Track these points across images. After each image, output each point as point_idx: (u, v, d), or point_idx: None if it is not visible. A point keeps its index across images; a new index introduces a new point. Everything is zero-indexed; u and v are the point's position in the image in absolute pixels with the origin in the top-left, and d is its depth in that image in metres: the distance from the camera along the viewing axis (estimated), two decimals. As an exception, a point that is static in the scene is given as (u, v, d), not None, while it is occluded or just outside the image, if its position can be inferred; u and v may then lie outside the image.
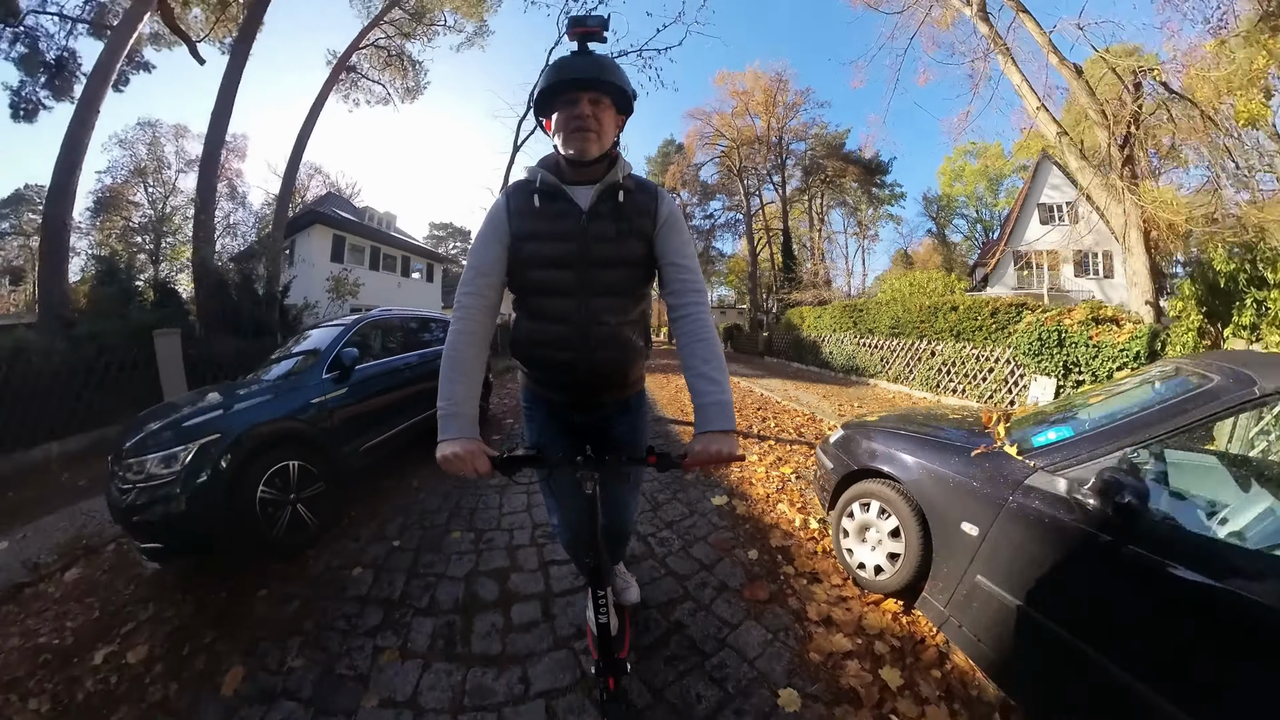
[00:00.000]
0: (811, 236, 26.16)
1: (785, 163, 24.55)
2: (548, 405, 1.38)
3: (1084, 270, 21.04)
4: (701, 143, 24.63)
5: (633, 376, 1.37)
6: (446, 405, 1.06)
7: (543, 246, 1.15)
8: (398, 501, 3.19)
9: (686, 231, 1.23)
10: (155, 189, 33.67)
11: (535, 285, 1.19)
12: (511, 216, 1.16)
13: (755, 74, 23.13)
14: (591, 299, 1.17)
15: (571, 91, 1.07)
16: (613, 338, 1.21)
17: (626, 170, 1.17)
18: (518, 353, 1.31)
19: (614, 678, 1.12)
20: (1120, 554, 1.23)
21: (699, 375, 1.07)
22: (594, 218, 1.14)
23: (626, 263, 1.18)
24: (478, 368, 1.12)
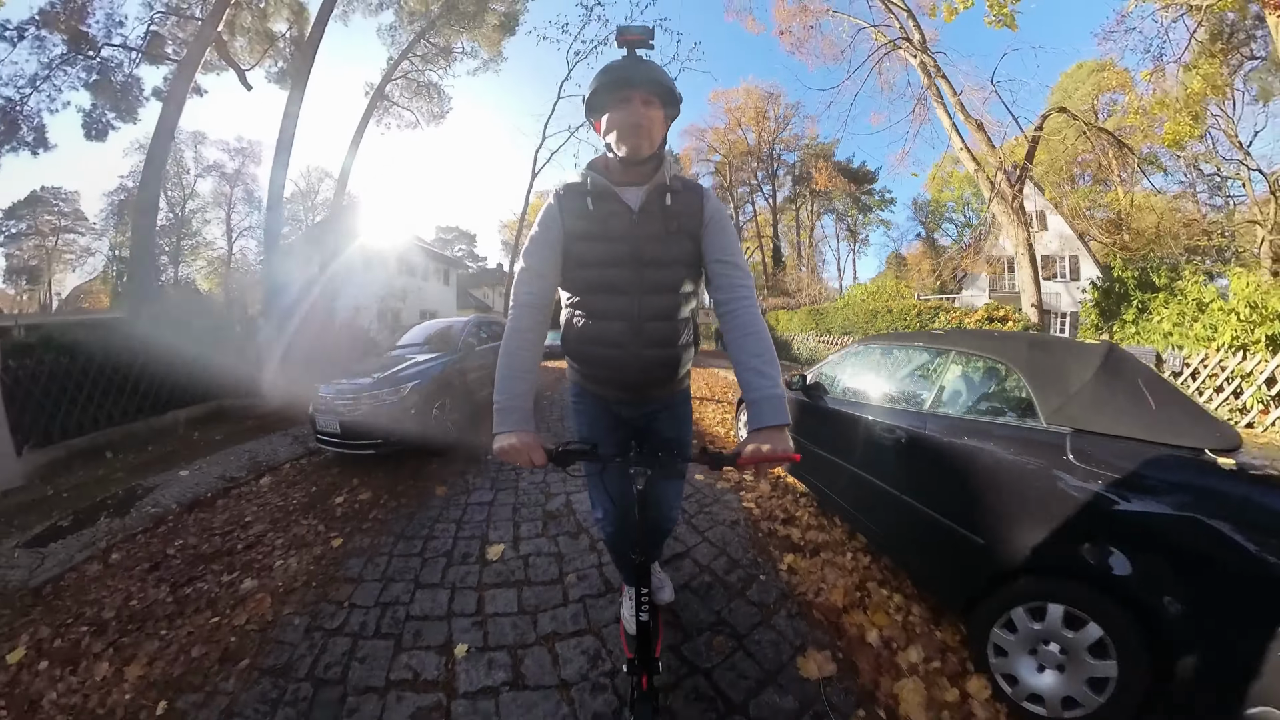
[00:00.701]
0: (799, 241, 27.71)
1: (776, 173, 26.13)
2: (595, 399, 1.43)
3: (1051, 274, 22.60)
4: (698, 158, 26.33)
5: (680, 373, 1.40)
6: (504, 399, 1.10)
7: (595, 246, 1.19)
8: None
9: (732, 229, 1.26)
10: (174, 193, 35.09)
11: (588, 284, 1.23)
12: (565, 217, 1.20)
13: (747, 89, 24.67)
14: (643, 297, 1.20)
15: (625, 90, 1.11)
16: (664, 335, 1.25)
17: (674, 171, 1.22)
18: (569, 349, 1.35)
19: (647, 676, 1.12)
20: (819, 406, 2.79)
21: (750, 370, 1.08)
22: (644, 217, 1.18)
23: (676, 261, 1.21)
24: (533, 365, 1.17)
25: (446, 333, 5.65)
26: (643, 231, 1.18)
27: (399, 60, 12.81)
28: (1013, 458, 1.67)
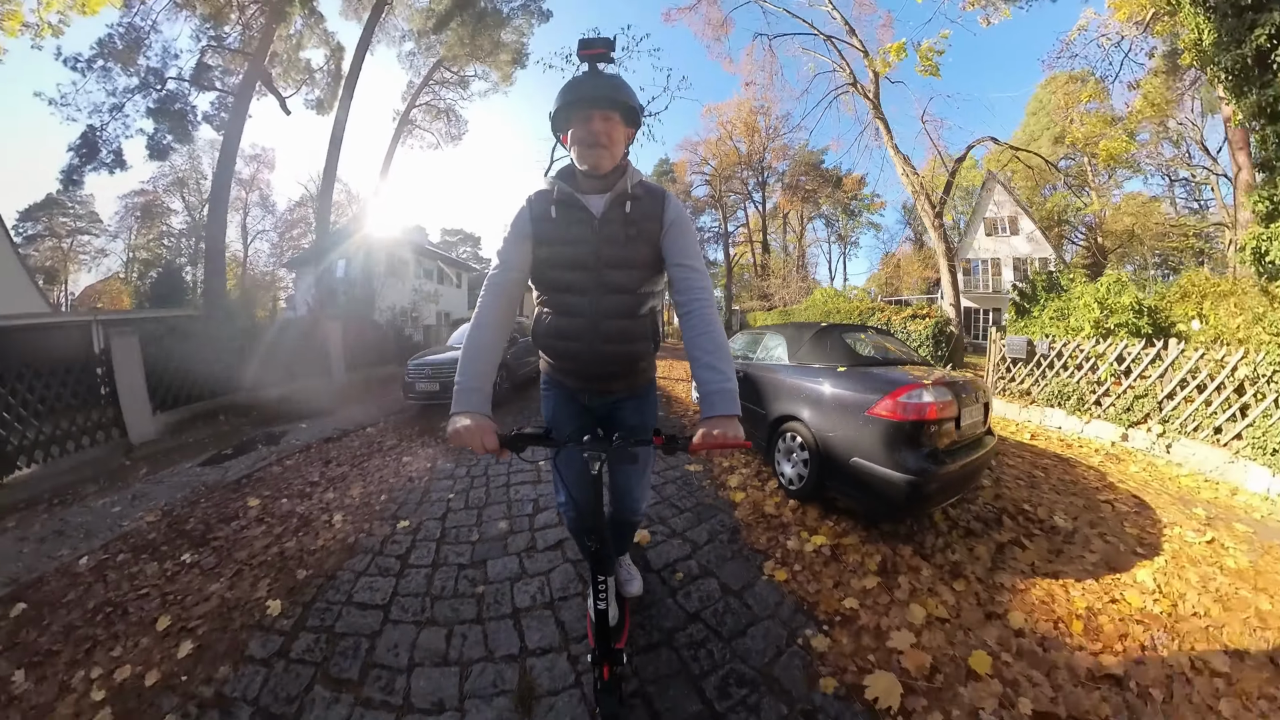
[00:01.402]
0: (787, 245, 29.21)
1: (766, 181, 27.62)
2: (562, 388, 1.49)
3: (1023, 275, 24.04)
4: (692, 171, 27.77)
5: (641, 367, 1.48)
6: (463, 380, 1.12)
7: (560, 250, 1.27)
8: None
9: (693, 232, 1.32)
10: (192, 198, 36.56)
11: (554, 284, 1.32)
12: (534, 221, 1.28)
13: (739, 102, 26.13)
14: (602, 297, 1.28)
15: (585, 109, 1.17)
16: (621, 332, 1.33)
17: (636, 178, 1.28)
18: (538, 343, 1.44)
19: (609, 666, 1.13)
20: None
21: (703, 365, 1.13)
22: (605, 223, 1.25)
23: (635, 264, 1.29)
24: (496, 350, 1.21)
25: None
26: (603, 236, 1.25)
27: (420, 88, 14.30)
28: (778, 377, 3.58)
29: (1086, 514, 3.16)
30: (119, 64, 12.13)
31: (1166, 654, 1.84)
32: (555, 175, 1.31)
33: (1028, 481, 3.77)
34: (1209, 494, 3.76)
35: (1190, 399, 4.67)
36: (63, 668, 1.77)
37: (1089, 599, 2.19)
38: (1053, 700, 1.58)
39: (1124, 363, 5.18)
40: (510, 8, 15.34)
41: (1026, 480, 3.79)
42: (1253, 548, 2.77)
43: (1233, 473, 4.09)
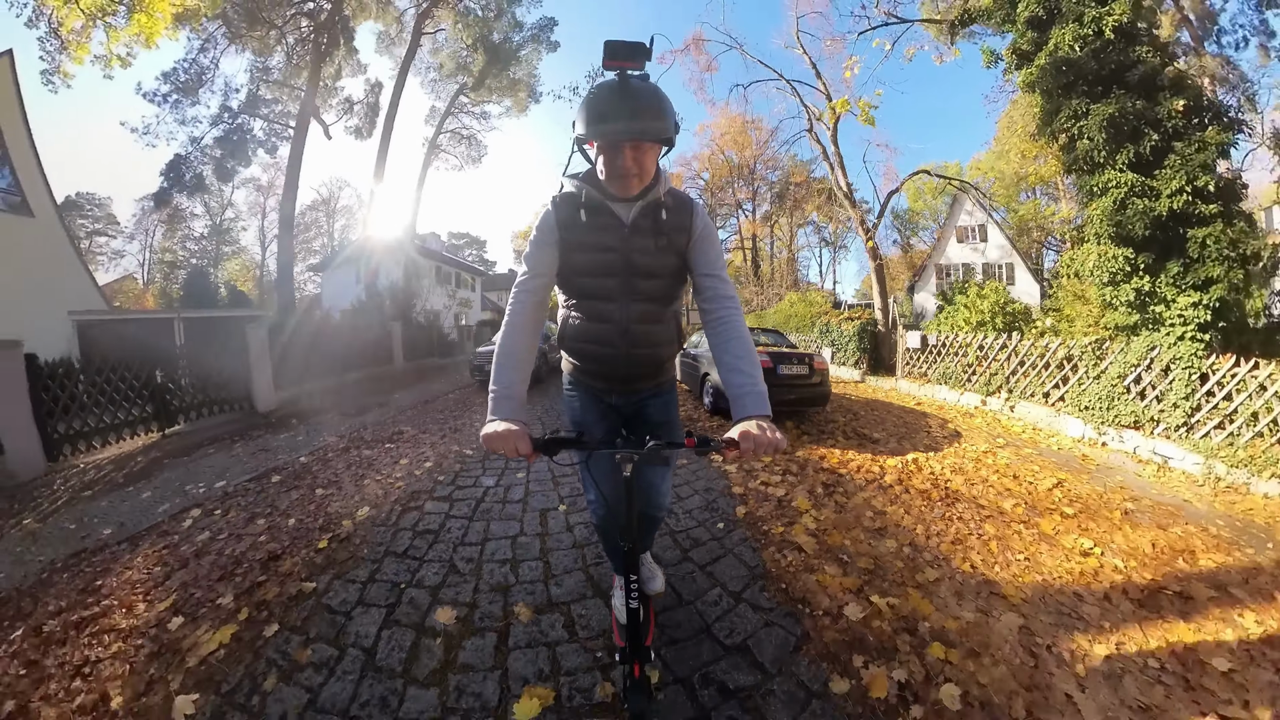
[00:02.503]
0: (774, 251, 31.29)
1: (757, 191, 29.71)
2: (587, 389, 1.51)
3: (992, 278, 26.09)
4: (686, 183, 29.80)
5: (665, 368, 1.52)
6: (499, 389, 1.14)
7: (589, 256, 1.27)
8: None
9: (718, 242, 1.34)
10: (214, 202, 38.47)
11: (582, 290, 1.33)
12: (560, 226, 1.26)
13: (729, 118, 28.12)
14: (631, 303, 1.30)
15: (612, 136, 1.09)
16: (648, 337, 1.35)
17: (666, 186, 1.25)
18: (565, 346, 1.47)
19: (639, 664, 1.15)
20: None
21: (733, 370, 1.14)
22: (635, 231, 1.24)
23: (663, 273, 1.30)
24: (529, 356, 1.23)
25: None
26: (634, 244, 1.24)
27: (444, 116, 16.35)
28: (703, 354, 6.25)
29: (906, 435, 5.22)
30: (188, 97, 14.14)
31: (923, 484, 3.86)
32: (582, 178, 1.26)
33: (876, 422, 5.86)
34: (1030, 436, 5.69)
35: (1027, 374, 6.71)
36: (340, 486, 3.77)
37: (889, 466, 4.22)
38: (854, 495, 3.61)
39: (984, 350, 7.24)
40: (520, 38, 17.40)
41: (876, 422, 5.88)
42: (1019, 456, 4.74)
43: (1056, 424, 6.11)
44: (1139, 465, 4.75)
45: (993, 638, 1.89)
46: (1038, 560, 2.62)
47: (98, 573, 2.57)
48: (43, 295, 11.21)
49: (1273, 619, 2.17)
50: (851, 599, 2.10)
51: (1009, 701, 1.57)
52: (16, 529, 3.29)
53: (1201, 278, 5.14)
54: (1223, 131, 5.14)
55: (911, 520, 3.04)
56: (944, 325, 8.59)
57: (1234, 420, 4.54)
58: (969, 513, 3.19)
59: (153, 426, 6.13)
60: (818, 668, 1.69)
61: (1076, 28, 5.33)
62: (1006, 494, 3.61)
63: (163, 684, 1.71)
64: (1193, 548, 2.90)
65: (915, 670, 1.68)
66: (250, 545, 2.73)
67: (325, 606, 2.08)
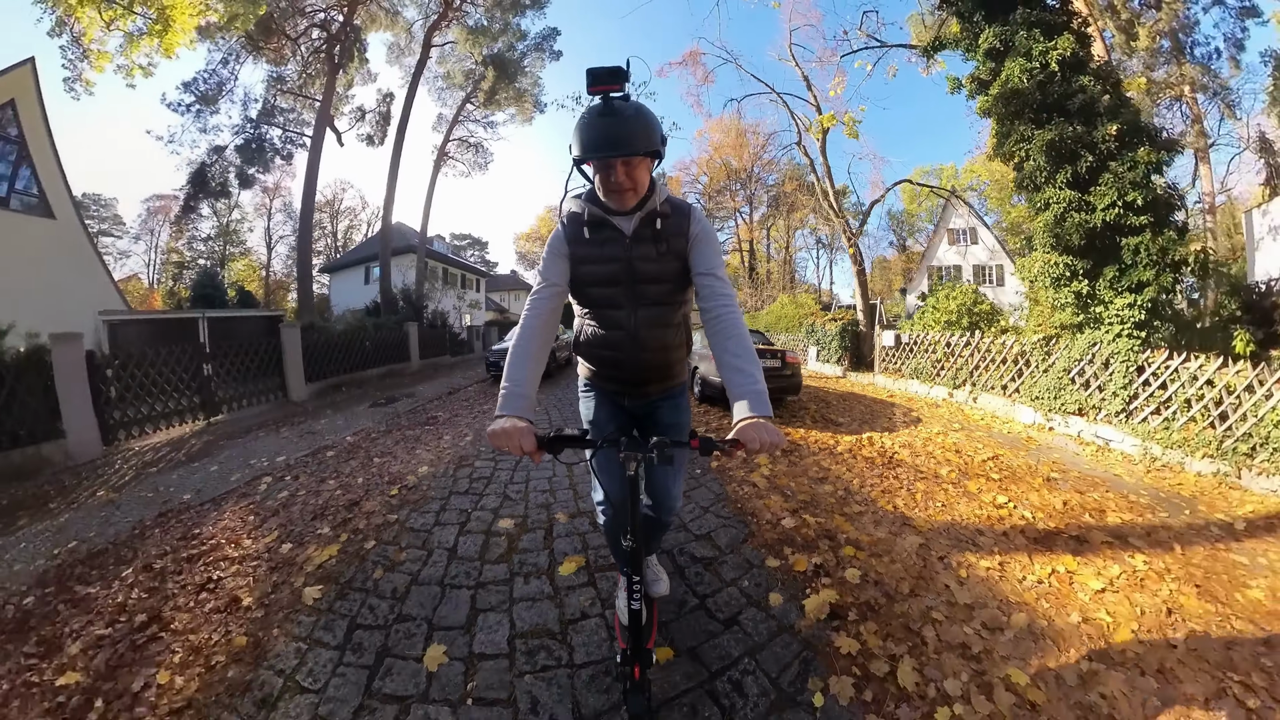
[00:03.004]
0: (771, 253, 32.04)
1: (754, 194, 30.48)
2: (601, 391, 1.59)
3: (982, 279, 26.81)
4: (685, 187, 30.69)
5: (676, 370, 1.57)
6: (509, 386, 1.18)
7: (596, 268, 1.35)
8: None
9: (716, 243, 1.38)
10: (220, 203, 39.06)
11: (593, 299, 1.41)
12: (569, 242, 1.36)
13: (723, 125, 28.90)
14: (639, 310, 1.37)
15: (605, 156, 1.19)
16: (658, 341, 1.43)
17: (663, 196, 1.32)
18: (580, 352, 1.55)
19: (640, 666, 1.17)
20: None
21: (732, 369, 1.16)
22: (637, 241, 1.32)
23: (666, 278, 1.36)
24: (541, 357, 1.27)
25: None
26: (636, 254, 1.32)
27: (452, 125, 17.07)
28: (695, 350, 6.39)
29: (868, 420, 5.94)
30: (209, 107, 14.84)
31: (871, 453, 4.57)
32: (585, 197, 1.36)
33: (845, 410, 6.58)
34: (987, 423, 6.40)
35: (988, 368, 7.42)
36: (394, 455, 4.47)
37: (844, 440, 4.93)
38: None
39: (950, 347, 7.96)
40: (524, 47, 18.13)
41: (845, 409, 6.61)
42: (969, 438, 5.43)
43: (1012, 412, 6.82)
44: (1080, 446, 5.36)
45: (895, 549, 2.58)
46: (954, 508, 3.23)
47: (192, 525, 3.17)
48: (66, 295, 11.80)
49: (1162, 561, 2.50)
50: (788, 516, 2.84)
51: (898, 584, 2.26)
52: (92, 499, 3.88)
53: (1135, 281, 5.82)
54: (1153, 152, 5.83)
55: (851, 476, 3.76)
56: (918, 325, 9.32)
57: (1169, 406, 5.05)
58: (905, 474, 3.90)
59: (199, 415, 6.82)
60: (757, 552, 2.44)
61: (1024, 61, 6.02)
62: (945, 463, 4.29)
63: (287, 585, 2.38)
64: (1104, 508, 3.26)
65: (829, 559, 2.39)
66: (330, 497, 3.43)
67: (409, 528, 2.80)
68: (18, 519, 3.50)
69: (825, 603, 2.01)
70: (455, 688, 1.65)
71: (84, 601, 2.31)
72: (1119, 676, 1.72)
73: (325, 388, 8.95)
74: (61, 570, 2.65)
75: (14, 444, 4.75)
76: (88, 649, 1.95)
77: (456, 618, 2.02)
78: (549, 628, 1.94)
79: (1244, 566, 2.54)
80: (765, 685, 1.62)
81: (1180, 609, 2.15)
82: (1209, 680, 1.72)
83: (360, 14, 15.68)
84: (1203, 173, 21.11)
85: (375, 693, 1.64)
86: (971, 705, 1.56)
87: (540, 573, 2.32)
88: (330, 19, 15.48)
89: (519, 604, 2.11)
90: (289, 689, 1.67)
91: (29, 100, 11.79)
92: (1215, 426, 4.49)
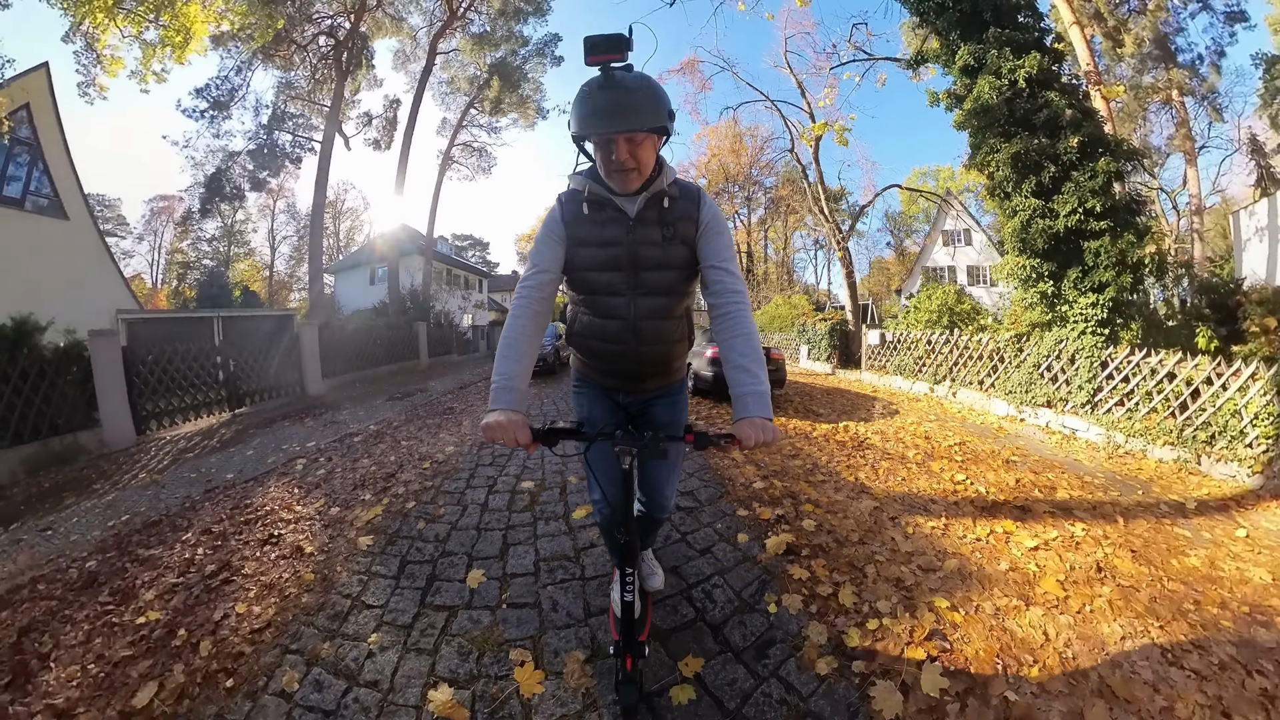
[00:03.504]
0: (774, 252, 32.53)
1: (752, 196, 30.94)
2: (596, 386, 1.50)
3: (975, 281, 27.27)
4: (684, 184, 31.08)
5: (675, 365, 1.49)
6: (500, 380, 1.15)
7: (595, 251, 1.26)
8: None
9: (728, 233, 1.31)
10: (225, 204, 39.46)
11: (590, 285, 1.32)
12: (566, 223, 1.27)
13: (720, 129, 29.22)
14: (639, 298, 1.28)
15: (606, 132, 1.09)
16: (658, 333, 1.34)
17: (671, 177, 1.24)
18: (574, 342, 1.46)
19: (632, 658, 1.18)
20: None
21: (737, 368, 1.13)
22: (640, 224, 1.23)
23: (671, 265, 1.28)
24: (531, 350, 1.21)
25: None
26: (639, 237, 1.23)
27: (456, 130, 17.58)
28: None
29: (848, 412, 6.40)
30: (222, 113, 15.32)
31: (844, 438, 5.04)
32: (586, 174, 1.26)
33: (827, 403, 7.05)
34: (962, 415, 6.88)
35: (966, 364, 7.89)
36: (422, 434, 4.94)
37: (821, 428, 5.40)
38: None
39: (931, 345, 8.43)
40: (525, 52, 18.61)
41: (827, 402, 7.08)
42: (942, 427, 5.90)
43: (987, 405, 7.28)
44: (1047, 435, 5.78)
45: (850, 509, 3.04)
46: (913, 482, 3.64)
47: (241, 498, 3.57)
48: (83, 294, 12.19)
49: (1101, 529, 2.70)
50: (759, 480, 3.35)
51: (848, 534, 2.70)
52: (134, 480, 4.22)
53: (1096, 282, 6.27)
54: (1113, 161, 6.30)
55: (821, 454, 4.24)
56: (902, 324, 9.81)
57: (1132, 398, 5.39)
58: (872, 455, 4.37)
59: (225, 407, 7.29)
60: (730, 505, 2.94)
61: (994, 79, 6.49)
62: (913, 447, 4.73)
63: (342, 537, 2.84)
64: (1056, 486, 3.50)
65: (789, 512, 2.87)
66: (366, 472, 3.90)
67: (444, 492, 3.30)
68: (64, 499, 3.79)
69: (783, 543, 2.46)
70: (493, 598, 2.11)
71: (149, 560, 2.60)
72: (1037, 612, 1.96)
73: (340, 383, 9.42)
74: (120, 538, 2.92)
75: (53, 432, 5.14)
76: (162, 594, 2.24)
77: (491, 550, 2.50)
78: (565, 554, 2.42)
79: (1186, 539, 2.74)
80: (730, 595, 2.07)
81: (1112, 568, 2.33)
82: (1129, 623, 1.91)
83: (367, 21, 16.15)
84: (1190, 176, 21.56)
85: (428, 605, 2.09)
86: (897, 618, 1.91)
87: (558, 517, 2.84)
88: (338, 26, 15.96)
89: (541, 539, 2.60)
90: (356, 607, 2.10)
91: (43, 104, 12.18)
92: (1176, 416, 4.76)
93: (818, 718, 1.47)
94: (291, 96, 16.46)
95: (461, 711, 1.51)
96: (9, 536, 3.14)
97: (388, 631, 1.92)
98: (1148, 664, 1.70)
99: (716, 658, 1.70)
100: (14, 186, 11.03)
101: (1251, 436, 4.10)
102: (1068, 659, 1.72)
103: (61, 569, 2.61)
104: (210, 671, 1.72)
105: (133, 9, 11.08)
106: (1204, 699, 1.55)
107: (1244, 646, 1.80)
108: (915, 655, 1.70)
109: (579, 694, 1.57)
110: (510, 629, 1.90)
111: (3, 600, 2.31)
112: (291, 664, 1.75)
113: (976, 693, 1.55)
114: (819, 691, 1.56)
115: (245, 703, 1.58)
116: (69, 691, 1.65)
